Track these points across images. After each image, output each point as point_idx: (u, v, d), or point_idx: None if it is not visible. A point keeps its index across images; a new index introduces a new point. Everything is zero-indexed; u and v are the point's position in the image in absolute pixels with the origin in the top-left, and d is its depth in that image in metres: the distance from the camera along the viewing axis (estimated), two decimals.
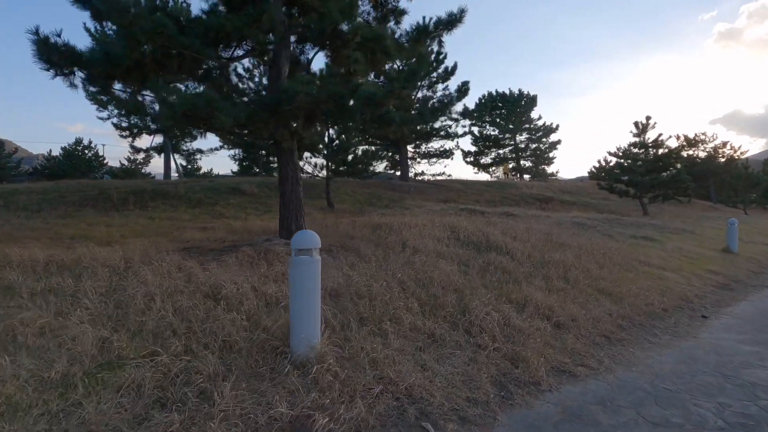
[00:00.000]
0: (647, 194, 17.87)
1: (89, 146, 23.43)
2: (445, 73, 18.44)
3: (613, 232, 10.18)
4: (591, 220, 11.95)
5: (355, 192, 15.76)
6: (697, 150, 37.83)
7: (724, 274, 7.28)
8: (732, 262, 8.54)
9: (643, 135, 17.53)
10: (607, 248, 7.48)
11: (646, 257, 7.41)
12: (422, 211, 12.35)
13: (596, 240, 8.45)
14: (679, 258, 8.06)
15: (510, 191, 20.37)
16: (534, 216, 12.60)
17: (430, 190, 18.44)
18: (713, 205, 33.04)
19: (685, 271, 7.03)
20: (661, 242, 9.49)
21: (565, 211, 15.15)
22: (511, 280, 5.02)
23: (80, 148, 23.61)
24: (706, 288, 6.22)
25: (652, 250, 8.27)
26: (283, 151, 5.69)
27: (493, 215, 12.44)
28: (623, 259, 6.87)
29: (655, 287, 5.61)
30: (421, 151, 29.14)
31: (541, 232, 8.26)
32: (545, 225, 10.25)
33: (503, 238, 6.92)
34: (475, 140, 34.46)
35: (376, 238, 6.42)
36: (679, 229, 11.98)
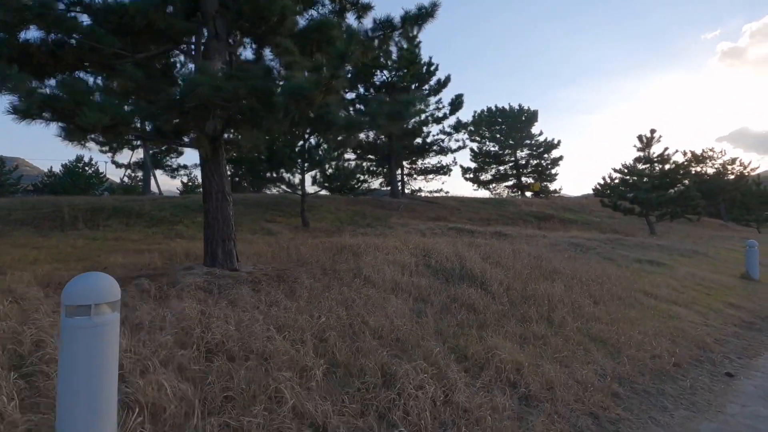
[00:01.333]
0: (654, 212, 16.69)
1: (90, 163, 22.98)
2: (438, 85, 17.62)
3: (615, 255, 9.03)
4: (591, 241, 10.81)
5: (339, 210, 14.76)
6: (705, 167, 36.64)
7: (747, 308, 6.10)
8: (755, 292, 7.34)
9: (647, 149, 16.47)
10: (606, 276, 6.34)
11: (652, 287, 6.26)
12: (405, 231, 11.30)
13: (594, 265, 7.32)
14: (693, 288, 6.89)
15: (508, 209, 19.27)
16: (528, 236, 11.50)
17: (423, 207, 17.40)
18: (725, 224, 31.61)
19: (701, 305, 5.87)
20: (670, 267, 8.32)
21: (564, 231, 14.00)
22: (476, 323, 3.92)
23: (81, 165, 23.49)
24: (727, 328, 5.05)
25: (660, 278, 7.12)
26: (206, 160, 4.70)
27: (482, 235, 11.38)
28: (624, 291, 5.73)
29: (664, 330, 4.46)
30: (417, 167, 28.28)
31: (530, 256, 7.16)
32: (538, 247, 9.15)
33: (482, 265, 5.83)
34: (475, 156, 33.58)
35: (330, 264, 5.39)
36: (690, 251, 10.78)
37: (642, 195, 15.55)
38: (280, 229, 10.82)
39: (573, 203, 25.12)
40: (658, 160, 16.23)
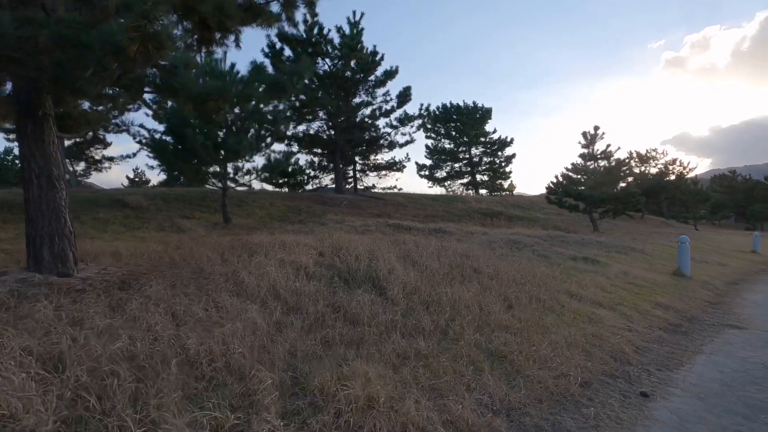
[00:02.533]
0: (597, 209, 16.75)
1: None
2: (385, 76, 16.87)
3: (551, 253, 8.60)
4: (530, 238, 10.40)
5: (274, 205, 13.70)
6: (648, 166, 38.21)
7: (675, 308, 5.71)
8: (685, 290, 7.05)
9: (591, 146, 16.48)
10: (531, 276, 5.77)
11: (579, 287, 5.75)
12: (337, 228, 10.46)
13: (524, 264, 6.78)
14: (622, 287, 6.47)
15: (456, 206, 18.86)
16: (468, 233, 10.97)
17: (368, 204, 16.62)
18: (666, 221, 32.98)
19: (627, 306, 5.40)
20: (604, 265, 7.96)
21: (508, 227, 13.65)
22: (349, 340, 3.14)
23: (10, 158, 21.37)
24: (651, 333, 4.55)
25: (590, 277, 6.66)
26: (24, 137, 3.65)
27: (420, 232, 10.74)
28: (547, 293, 5.16)
29: (579, 338, 3.87)
30: (369, 163, 27.51)
31: (456, 254, 6.52)
32: (471, 244, 8.58)
33: (393, 265, 5.08)
34: (430, 153, 33.25)
35: (209, 266, 4.46)
36: (627, 248, 10.61)
37: (586, 192, 15.50)
38: (194, 226, 9.67)
39: (524, 201, 25.20)
40: (601, 156, 16.28)
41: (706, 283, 7.95)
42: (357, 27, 15.41)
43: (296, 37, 15.32)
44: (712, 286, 7.84)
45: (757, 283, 8.95)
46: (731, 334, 4.82)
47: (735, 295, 7.34)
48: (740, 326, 5.14)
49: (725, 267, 10.60)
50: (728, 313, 5.86)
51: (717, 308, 6.15)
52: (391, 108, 17.92)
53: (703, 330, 4.92)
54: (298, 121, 17.09)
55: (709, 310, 5.93)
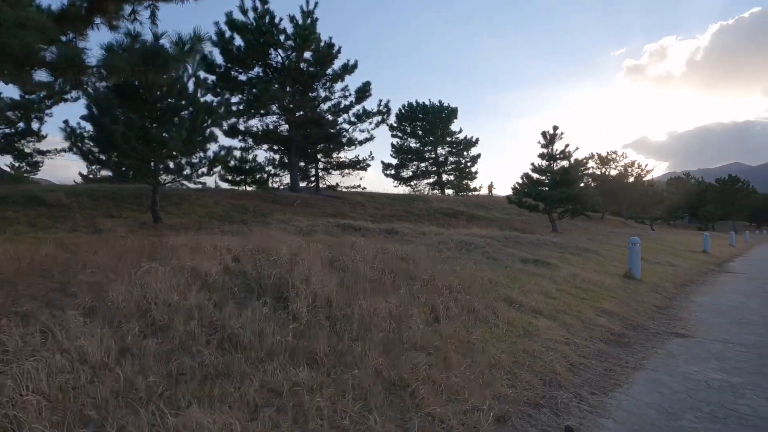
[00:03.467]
0: (556, 209, 16.69)
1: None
2: (343, 70, 16.19)
3: (503, 255, 8.19)
4: (484, 239, 10.00)
5: (219, 204, 12.77)
6: (609, 168, 39.20)
7: (620, 315, 5.34)
8: (633, 294, 6.77)
9: (550, 146, 16.39)
10: (471, 281, 5.27)
11: (522, 294, 5.29)
12: (280, 228, 9.73)
13: (469, 267, 6.30)
14: (569, 291, 6.09)
15: (417, 205, 18.43)
16: (421, 233, 10.48)
17: (324, 203, 15.90)
18: (625, 222, 33.84)
19: (570, 313, 4.98)
20: (554, 267, 7.60)
21: (466, 228, 13.28)
22: (204, 373, 2.48)
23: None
24: (591, 345, 4.12)
25: (537, 281, 6.25)
26: None
27: (370, 233, 10.17)
28: (484, 301, 4.66)
29: (506, 358, 3.35)
30: (332, 161, 26.78)
31: (395, 258, 5.95)
32: (419, 246, 8.06)
33: (311, 272, 4.43)
34: (397, 152, 32.82)
35: (87, 277, 3.69)
36: (582, 249, 10.39)
37: (543, 192, 15.37)
38: (116, 225, 8.70)
39: (488, 201, 25.11)
40: (560, 156, 16.22)
41: (655, 285, 7.73)
42: (311, 16, 14.66)
43: (246, 25, 14.41)
44: (661, 288, 7.63)
45: (705, 284, 8.87)
46: (676, 344, 4.46)
47: (683, 299, 7.13)
48: (686, 334, 4.80)
49: (676, 268, 10.56)
50: (675, 319, 5.56)
51: (664, 314, 5.85)
52: (350, 103, 17.27)
53: (647, 340, 4.55)
54: (249, 115, 16.15)
55: (656, 317, 5.61)
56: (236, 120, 16.17)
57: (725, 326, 5.24)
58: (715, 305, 6.61)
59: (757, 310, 6.21)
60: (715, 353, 4.14)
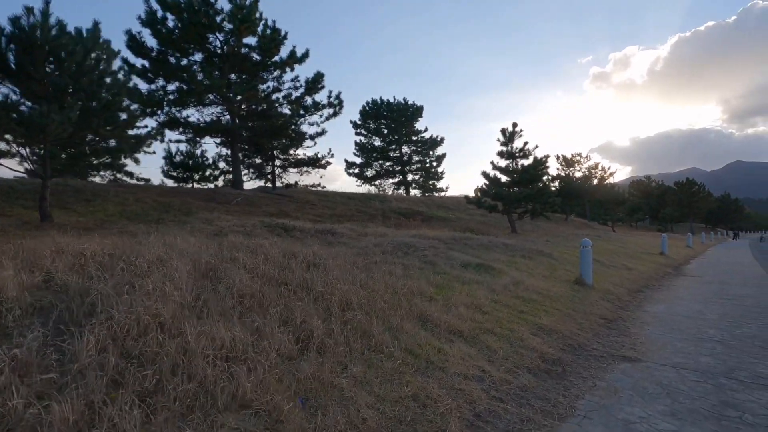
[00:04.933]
0: (516, 209, 16.07)
1: None
2: (291, 57, 15.00)
3: (443, 259, 7.28)
4: (430, 241, 9.09)
5: (142, 201, 11.35)
6: (573, 170, 39.49)
7: (560, 332, 4.48)
8: (581, 303, 5.97)
9: (510, 144, 15.74)
10: (382, 293, 4.30)
11: (443, 308, 4.35)
12: (197, 228, 8.52)
13: (394, 275, 5.33)
14: (507, 302, 5.20)
15: (373, 205, 17.45)
16: (362, 235, 9.49)
17: (270, 201, 14.67)
18: (588, 223, 34.01)
19: (498, 333, 4.07)
20: (498, 273, 6.75)
21: (417, 229, 12.38)
22: None
23: None
24: (512, 381, 3.19)
25: (471, 290, 5.34)
26: None
27: (304, 234, 9.11)
28: (390, 319, 3.68)
29: (378, 415, 2.36)
30: (290, 159, 25.50)
31: (303, 264, 4.93)
32: (349, 248, 7.10)
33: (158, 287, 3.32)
34: (360, 150, 31.80)
35: None
36: (535, 252, 9.63)
37: (501, 191, 14.68)
38: None
39: (451, 201, 24.42)
40: (519, 155, 15.60)
41: (607, 292, 7.00)
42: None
43: (179, 3, 13.03)
44: (613, 296, 6.90)
45: (661, 290, 8.25)
46: (620, 372, 3.60)
47: (636, 308, 6.40)
48: (634, 357, 3.97)
49: (632, 271, 9.97)
50: (624, 335, 4.76)
51: (612, 328, 5.04)
52: (300, 95, 16.10)
53: (587, 367, 3.67)
54: (187, 104, 14.73)
55: (603, 333, 4.79)
56: (171, 109, 14.71)
57: (680, 344, 4.46)
58: (670, 315, 5.90)
59: (715, 322, 5.51)
60: (667, 386, 3.29)
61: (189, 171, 21.69)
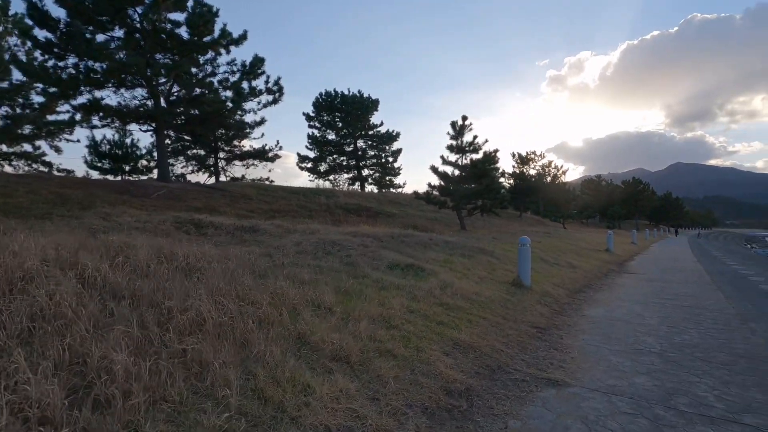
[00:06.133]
0: (466, 205, 15.57)
1: None
2: (224, 37, 13.66)
3: (369, 259, 6.45)
4: (365, 239, 8.25)
5: (34, 192, 9.77)
6: (528, 168, 40.08)
7: (480, 348, 3.75)
8: (514, 309, 5.32)
9: (460, 138, 15.19)
10: (247, 307, 3.39)
11: (337, 325, 3.51)
12: (89, 223, 7.24)
13: (297, 280, 4.44)
14: (426, 311, 4.42)
15: (318, 200, 16.42)
16: (286, 232, 8.51)
17: (197, 195, 13.31)
18: (541, 220, 34.53)
19: (402, 355, 3.26)
20: (428, 275, 6.00)
21: (356, 225, 11.53)
22: None
23: None
24: (391, 431, 2.38)
25: (387, 298, 4.53)
26: None
27: (221, 231, 8.03)
28: (250, 346, 2.78)
29: None
30: (235, 151, 23.98)
31: (177, 270, 3.91)
32: (260, 248, 6.12)
33: None
34: (313, 143, 30.55)
35: None
36: (477, 250, 9.02)
37: (448, 187, 14.10)
38: None
39: (404, 198, 23.76)
40: (469, 149, 15.09)
41: (545, 294, 6.43)
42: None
43: None
44: (551, 298, 6.33)
45: (603, 289, 7.84)
46: (541, 402, 2.89)
47: (574, 311, 5.85)
48: (560, 381, 3.28)
49: (576, 270, 9.60)
50: (555, 349, 4.10)
51: (543, 340, 4.39)
52: (238, 80, 14.78)
53: (502, 398, 2.93)
54: (103, 85, 13.07)
55: (530, 347, 4.11)
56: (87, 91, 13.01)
57: (615, 359, 3.85)
58: (609, 320, 5.36)
59: (654, 328, 5.01)
60: (594, 424, 2.60)
61: (118, 162, 19.75)
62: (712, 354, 4.06)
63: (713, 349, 4.21)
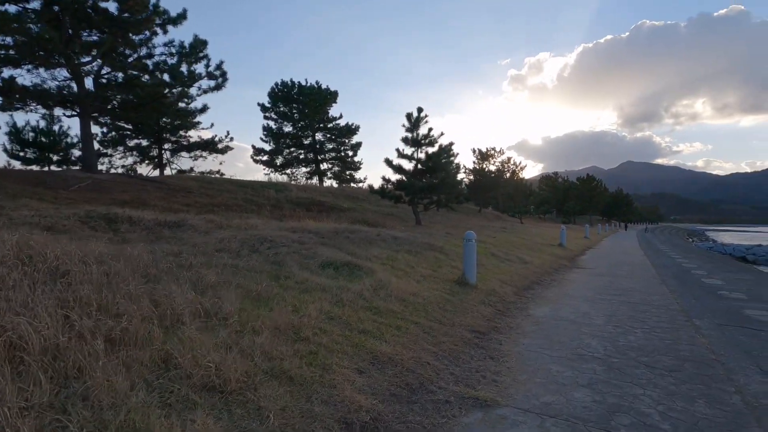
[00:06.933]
0: (422, 200, 15.17)
1: None
2: (156, 13, 12.46)
3: (301, 258, 5.82)
4: (303, 235, 7.61)
5: None
6: (488, 164, 40.49)
7: (402, 362, 3.21)
8: (454, 311, 4.86)
9: (415, 130, 14.74)
10: (139, 322, 2.70)
11: (235, 336, 2.87)
12: None
13: (200, 284, 3.76)
14: (350, 317, 3.86)
15: (268, 194, 15.51)
16: (216, 228, 7.73)
17: (128, 188, 12.12)
18: (500, 215, 34.97)
19: (300, 377, 2.67)
20: (364, 274, 5.44)
21: (303, 220, 10.83)
22: None
23: None
24: None
25: (306, 301, 3.93)
26: None
27: (138, 227, 7.14)
28: (93, 372, 2.09)
29: None
30: (181, 141, 22.50)
31: (52, 273, 3.11)
32: (175, 246, 5.35)
33: None
34: (269, 135, 29.31)
35: None
36: (426, 246, 8.57)
37: (403, 182, 13.64)
38: None
39: (362, 192, 23.16)
40: (425, 142, 14.67)
41: (491, 293, 6.04)
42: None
43: None
44: (497, 297, 5.94)
45: (552, 286, 7.59)
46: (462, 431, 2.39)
47: (519, 311, 5.47)
48: (490, 400, 2.81)
49: (527, 265, 9.36)
50: (491, 358, 3.65)
51: (480, 346, 3.93)
52: (177, 63, 13.59)
53: (416, 429, 2.40)
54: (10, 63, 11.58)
55: (464, 355, 3.63)
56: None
57: (555, 368, 3.44)
58: (554, 321, 5.01)
59: (600, 329, 4.69)
60: None
61: (44, 151, 17.89)
62: (657, 358, 3.74)
63: (658, 352, 3.91)
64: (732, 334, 4.59)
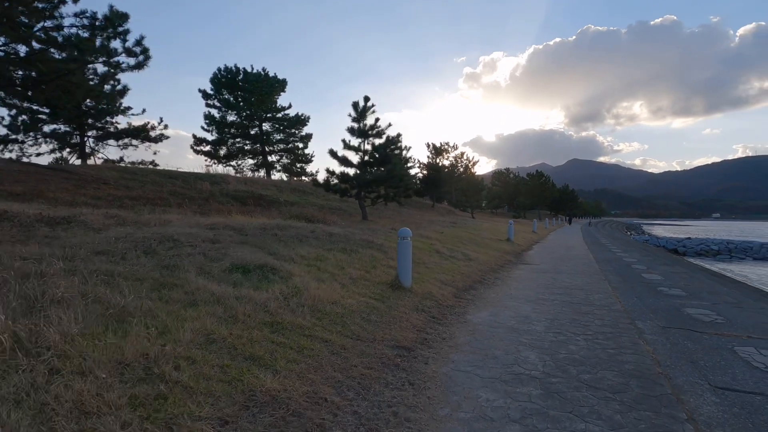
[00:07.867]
0: (369, 194, 14.48)
1: None
2: None
3: (206, 260, 4.92)
4: (221, 232, 6.67)
5: None
6: (442, 159, 40.52)
7: (287, 404, 2.47)
8: (378, 322, 4.18)
9: (362, 120, 13.97)
10: None
11: (36, 384, 1.99)
12: None
13: (43, 302, 2.79)
14: (239, 338, 3.06)
15: (201, 186, 14.19)
16: (116, 225, 6.60)
17: (27, 177, 10.49)
18: (452, 209, 35.07)
19: None
20: (280, 279, 4.65)
21: (231, 216, 9.80)
22: None
23: None
24: None
25: (185, 319, 3.10)
26: None
27: (6, 225, 5.89)
28: None
29: None
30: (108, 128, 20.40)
31: None
32: (50, 248, 4.26)
33: None
34: (213, 124, 27.41)
35: None
36: (363, 243, 7.86)
37: (351, 173, 12.88)
38: None
39: (309, 186, 22.13)
40: (372, 133, 13.95)
41: (427, 296, 5.44)
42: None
43: None
44: (434, 301, 5.35)
45: (495, 286, 7.15)
46: None
47: (455, 318, 4.90)
48: None
49: (471, 263, 8.92)
50: (410, 385, 2.99)
51: (401, 367, 3.27)
52: (89, 36, 11.93)
53: None
54: None
55: (377, 385, 2.94)
56: None
57: (484, 395, 2.84)
58: (491, 329, 4.47)
59: (540, 337, 4.19)
60: None
61: None
62: (600, 375, 3.26)
63: (602, 366, 3.43)
64: (676, 339, 4.26)
